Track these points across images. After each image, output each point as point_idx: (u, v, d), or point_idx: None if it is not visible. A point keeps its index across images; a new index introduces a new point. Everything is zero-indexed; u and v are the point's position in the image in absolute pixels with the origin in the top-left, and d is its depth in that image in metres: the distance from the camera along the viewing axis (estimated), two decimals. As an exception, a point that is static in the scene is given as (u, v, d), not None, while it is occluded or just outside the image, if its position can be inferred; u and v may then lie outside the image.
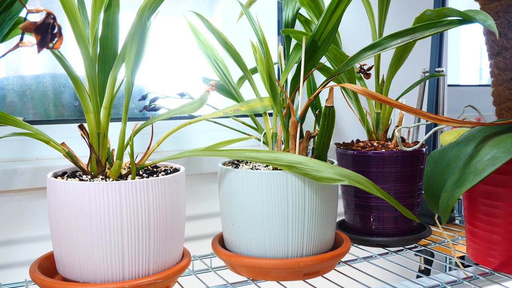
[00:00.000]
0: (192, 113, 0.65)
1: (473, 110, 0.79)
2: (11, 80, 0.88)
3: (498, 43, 0.90)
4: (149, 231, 0.54)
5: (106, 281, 0.53)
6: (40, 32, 0.35)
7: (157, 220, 0.55)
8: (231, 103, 0.80)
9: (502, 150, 0.53)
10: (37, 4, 0.90)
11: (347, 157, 0.78)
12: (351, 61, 0.62)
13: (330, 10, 0.61)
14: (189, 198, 0.93)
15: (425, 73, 1.02)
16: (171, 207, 0.56)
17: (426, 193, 0.62)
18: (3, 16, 0.51)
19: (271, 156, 0.59)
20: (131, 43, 0.52)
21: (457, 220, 0.99)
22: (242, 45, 1.05)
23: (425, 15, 0.66)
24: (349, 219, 0.80)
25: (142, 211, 0.53)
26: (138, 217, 0.53)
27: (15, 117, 0.54)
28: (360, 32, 1.12)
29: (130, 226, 0.53)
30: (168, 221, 0.56)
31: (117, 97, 0.95)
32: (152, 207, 0.54)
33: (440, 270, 0.71)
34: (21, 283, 0.65)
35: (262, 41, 0.70)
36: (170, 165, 0.66)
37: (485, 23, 0.53)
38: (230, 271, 0.66)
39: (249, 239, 0.61)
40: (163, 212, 0.55)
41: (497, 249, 0.63)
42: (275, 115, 0.70)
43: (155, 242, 0.55)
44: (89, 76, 0.55)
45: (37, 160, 0.84)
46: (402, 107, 0.55)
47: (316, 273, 0.62)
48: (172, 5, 1.02)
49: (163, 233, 0.55)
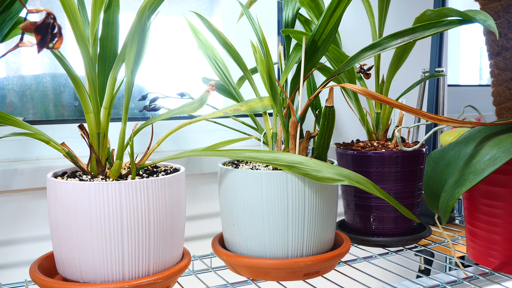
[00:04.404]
0: (192, 113, 0.65)
1: (473, 110, 0.79)
2: (11, 80, 0.88)
3: (498, 43, 0.90)
4: (149, 231, 0.54)
5: (106, 281, 0.53)
6: (40, 32, 0.35)
7: (157, 220, 0.55)
8: (231, 103, 0.80)
9: (502, 150, 0.53)
10: (37, 4, 0.90)
11: (347, 157, 0.78)
12: (351, 61, 0.62)
13: (330, 10, 0.61)
14: (189, 198, 0.93)
15: (425, 73, 1.02)
16: (171, 207, 0.56)
17: (426, 193, 0.62)
18: (3, 16, 0.51)
19: (271, 156, 0.59)
20: (131, 43, 0.52)
21: (457, 220, 0.99)
22: (242, 45, 1.05)
23: (425, 15, 0.66)
24: (349, 219, 0.80)
25: (142, 211, 0.53)
26: (138, 217, 0.53)
27: (15, 117, 0.54)
28: (360, 32, 1.12)
29: (130, 226, 0.53)
30: (168, 221, 0.56)
31: (117, 97, 0.95)
32: (152, 207, 0.54)
33: (440, 270, 0.71)
34: (21, 283, 0.65)
35: (262, 41, 0.70)
36: (170, 165, 0.66)
37: (485, 23, 0.53)
38: (230, 271, 0.66)
39: (249, 239, 0.61)
40: (163, 212, 0.55)
41: (497, 249, 0.63)
42: (275, 115, 0.70)
43: (155, 242, 0.55)
44: (89, 76, 0.55)
45: (37, 160, 0.84)
46: (402, 107, 0.55)
47: (316, 273, 0.62)
48: (172, 5, 1.02)
49: (163, 233, 0.55)
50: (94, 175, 0.58)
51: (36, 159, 0.84)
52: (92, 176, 0.57)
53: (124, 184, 0.52)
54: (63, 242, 0.54)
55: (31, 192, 0.79)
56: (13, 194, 0.78)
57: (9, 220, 0.78)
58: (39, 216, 0.80)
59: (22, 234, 0.79)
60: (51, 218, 0.55)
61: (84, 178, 0.57)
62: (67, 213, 0.52)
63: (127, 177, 0.58)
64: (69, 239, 0.53)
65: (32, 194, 0.79)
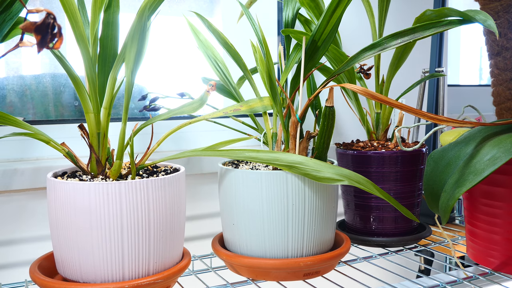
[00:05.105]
0: (192, 113, 0.65)
1: (473, 110, 0.79)
2: (11, 80, 0.88)
3: (498, 43, 0.90)
4: (149, 231, 0.54)
5: (106, 281, 0.53)
6: (40, 32, 0.35)
7: (157, 220, 0.55)
8: (231, 103, 0.80)
9: (502, 150, 0.53)
10: (37, 4, 0.90)
11: (347, 157, 0.78)
12: (351, 61, 0.62)
13: (330, 10, 0.61)
14: (189, 198, 0.93)
15: (425, 73, 1.02)
16: (171, 207, 0.56)
17: (426, 193, 0.62)
18: (3, 16, 0.51)
19: (271, 156, 0.59)
20: (131, 43, 0.52)
21: (457, 220, 0.99)
22: (242, 45, 1.05)
23: (425, 15, 0.66)
24: (349, 219, 0.80)
25: (142, 211, 0.53)
26: (138, 217, 0.53)
27: (15, 117, 0.54)
28: (360, 32, 1.12)
29: (130, 226, 0.53)
30: (168, 221, 0.56)
31: (117, 97, 0.95)
32: (152, 207, 0.54)
33: (440, 270, 0.71)
34: (21, 283, 0.65)
35: (262, 41, 0.70)
36: (170, 165, 0.66)
37: (485, 23, 0.53)
38: (230, 271, 0.66)
39: (249, 239, 0.61)
40: (163, 212, 0.55)
41: (497, 249, 0.63)
42: (275, 115, 0.70)
43: (155, 242, 0.55)
44: (89, 76, 0.55)
45: (37, 160, 0.84)
46: (402, 107, 0.55)
47: (316, 273, 0.62)
48: (172, 5, 1.02)
49: (163, 233, 0.55)
50: (94, 175, 0.58)
51: (36, 159, 0.84)
52: (92, 176, 0.57)
53: (124, 184, 0.52)
54: (63, 242, 0.54)
55: (31, 192, 0.79)
56: (13, 194, 0.78)
57: (9, 220, 0.78)
58: (39, 216, 0.80)
59: (22, 234, 0.79)
60: (51, 218, 0.55)
61: (84, 178, 0.57)
62: (67, 213, 0.52)
63: (127, 177, 0.58)
64: (69, 239, 0.53)
65: (32, 194, 0.79)
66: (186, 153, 0.61)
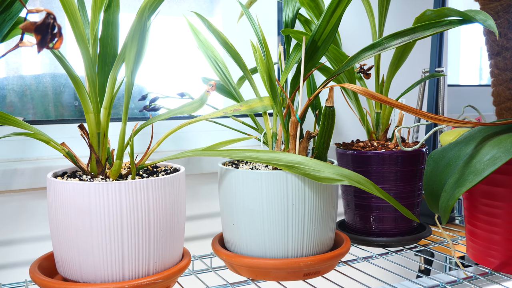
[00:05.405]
0: (192, 113, 0.65)
1: (473, 110, 0.79)
2: (11, 80, 0.88)
3: (498, 43, 0.90)
4: (149, 231, 0.54)
5: (106, 281, 0.53)
6: (40, 32, 0.35)
7: (157, 220, 0.55)
8: (231, 103, 0.80)
9: (502, 150, 0.53)
10: (37, 4, 0.90)
11: (347, 157, 0.78)
12: (351, 61, 0.62)
13: (330, 10, 0.61)
14: (189, 198, 0.93)
15: (425, 73, 1.02)
16: (171, 207, 0.56)
17: (426, 193, 0.62)
18: (3, 16, 0.51)
19: (271, 156, 0.59)
20: (131, 43, 0.52)
21: (457, 220, 0.99)
22: (242, 45, 1.05)
23: (425, 15, 0.66)
24: (349, 219, 0.80)
25: (142, 211, 0.53)
26: (138, 217, 0.53)
27: (15, 117, 0.54)
28: (360, 32, 1.12)
29: (130, 226, 0.53)
30: (168, 221, 0.56)
31: (117, 97, 0.95)
32: (152, 207, 0.54)
33: (440, 270, 0.71)
34: (21, 283, 0.65)
35: (262, 41, 0.70)
36: (170, 165, 0.66)
37: (485, 23, 0.53)
38: (230, 271, 0.66)
39: (249, 239, 0.61)
40: (163, 212, 0.55)
41: (497, 249, 0.63)
42: (275, 115, 0.70)
43: (155, 242, 0.55)
44: (89, 76, 0.55)
45: (37, 160, 0.84)
46: (402, 107, 0.55)
47: (316, 273, 0.62)
48: (172, 5, 1.02)
49: (163, 233, 0.55)
50: (94, 175, 0.58)
51: (36, 159, 0.84)
52: (92, 176, 0.57)
53: (124, 184, 0.52)
54: (63, 242, 0.54)
55: (31, 192, 0.79)
56: (13, 194, 0.78)
57: (9, 220, 0.78)
58: (39, 216, 0.80)
59: (22, 234, 0.79)
60: (51, 218, 0.55)
61: (84, 178, 0.57)
62: (67, 213, 0.52)
63: (127, 177, 0.58)
64: (69, 239, 0.53)
65: (32, 194, 0.79)
66: (186, 153, 0.61)
